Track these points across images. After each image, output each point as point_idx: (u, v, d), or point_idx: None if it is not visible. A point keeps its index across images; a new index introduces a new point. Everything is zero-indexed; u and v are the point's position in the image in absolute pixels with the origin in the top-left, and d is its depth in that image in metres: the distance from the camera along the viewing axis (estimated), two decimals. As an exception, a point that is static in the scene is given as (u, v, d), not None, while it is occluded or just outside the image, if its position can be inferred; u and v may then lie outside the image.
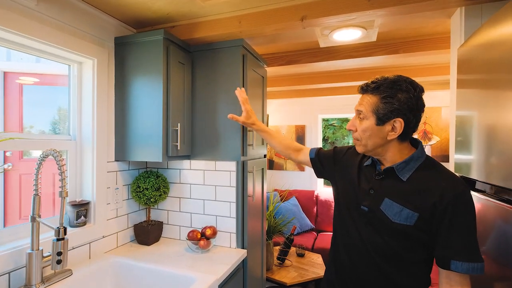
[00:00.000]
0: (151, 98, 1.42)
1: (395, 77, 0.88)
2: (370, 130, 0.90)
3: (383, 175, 0.93)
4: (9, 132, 1.14)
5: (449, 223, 0.81)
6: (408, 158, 0.90)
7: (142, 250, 1.51)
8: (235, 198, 1.56)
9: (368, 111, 0.89)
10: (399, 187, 0.89)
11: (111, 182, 1.50)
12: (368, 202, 0.93)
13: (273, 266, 2.37)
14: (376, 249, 0.90)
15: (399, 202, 0.87)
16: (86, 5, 1.35)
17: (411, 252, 0.87)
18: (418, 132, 3.60)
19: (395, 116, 0.86)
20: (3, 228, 1.12)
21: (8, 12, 1.04)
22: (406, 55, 1.90)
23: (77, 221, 1.33)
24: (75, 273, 1.21)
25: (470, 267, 0.78)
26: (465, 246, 0.80)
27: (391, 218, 0.87)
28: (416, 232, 0.85)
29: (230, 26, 1.45)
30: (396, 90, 0.86)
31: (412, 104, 0.85)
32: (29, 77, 2.64)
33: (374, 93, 0.89)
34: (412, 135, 0.92)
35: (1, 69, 2.73)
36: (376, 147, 0.92)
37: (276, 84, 2.88)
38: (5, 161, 2.63)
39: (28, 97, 2.66)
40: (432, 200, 0.83)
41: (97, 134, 1.41)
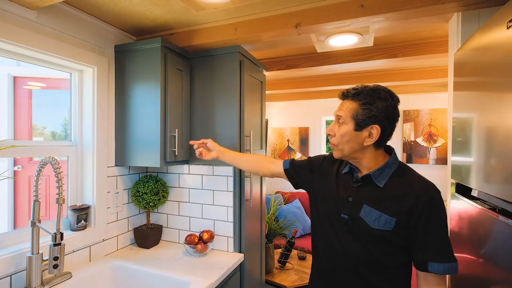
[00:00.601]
0: (149, 104, 1.45)
1: (375, 85, 0.92)
2: (348, 135, 0.92)
3: (361, 183, 0.95)
4: (12, 140, 1.18)
5: (424, 227, 0.85)
6: (383, 165, 0.93)
7: (141, 253, 1.54)
8: (232, 203, 1.58)
9: (348, 116, 0.92)
10: (376, 193, 0.91)
11: (111, 187, 1.54)
12: (347, 210, 0.94)
13: (274, 269, 2.38)
14: (357, 255, 0.92)
15: (377, 208, 0.89)
16: (86, 15, 1.39)
17: (391, 257, 0.89)
18: (423, 134, 3.56)
19: (373, 122, 0.89)
20: (7, 232, 1.17)
21: (9, 25, 1.09)
22: (406, 58, 1.89)
23: (77, 225, 1.37)
24: (75, 275, 1.25)
25: (446, 267, 0.82)
26: (440, 248, 0.84)
27: (370, 224, 0.89)
28: (394, 237, 0.87)
29: (226, 33, 1.47)
30: (375, 98, 0.89)
31: (389, 113, 0.89)
32: (36, 82, 2.72)
33: (354, 99, 0.92)
34: (386, 143, 0.96)
35: (11, 74, 2.82)
36: (353, 153, 0.94)
37: (279, 87, 2.89)
38: (15, 163, 2.71)
39: (37, 101, 2.74)
40: (408, 204, 0.86)
41: (98, 139, 1.45)
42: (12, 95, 2.76)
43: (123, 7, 1.32)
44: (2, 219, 2.42)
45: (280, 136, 4.21)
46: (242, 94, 1.55)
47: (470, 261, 1.07)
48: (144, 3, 1.28)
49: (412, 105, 3.64)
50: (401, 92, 3.09)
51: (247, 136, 1.61)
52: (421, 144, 3.58)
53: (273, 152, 4.22)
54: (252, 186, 1.69)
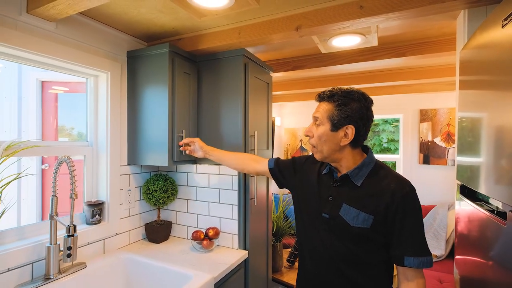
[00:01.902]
0: (158, 106, 1.54)
1: (348, 88, 0.96)
2: (325, 136, 0.95)
3: (340, 182, 0.98)
4: (35, 140, 1.30)
5: (400, 223, 0.87)
6: (360, 164, 0.95)
7: (151, 247, 1.63)
8: (237, 201, 1.64)
9: (324, 118, 0.95)
10: (354, 192, 0.94)
11: (124, 184, 1.64)
12: (328, 209, 0.97)
13: (282, 268, 2.41)
14: (338, 254, 0.94)
15: (355, 207, 0.92)
16: (100, 24, 1.49)
17: (371, 254, 0.92)
18: (442, 134, 3.45)
19: (347, 123, 0.92)
20: (32, 223, 1.29)
21: (32, 37, 1.20)
22: (415, 57, 1.86)
23: (92, 219, 1.48)
24: (89, 266, 1.35)
25: (421, 261, 0.86)
26: (415, 243, 0.87)
27: (349, 222, 0.92)
28: (373, 234, 0.90)
29: (230, 37, 1.53)
30: (350, 99, 0.93)
31: (362, 113, 0.92)
32: (60, 86, 2.92)
33: (330, 101, 0.95)
34: (363, 143, 0.99)
35: (39, 79, 3.04)
36: (331, 153, 0.97)
37: (288, 88, 2.91)
38: (43, 162, 2.93)
39: (63, 103, 2.94)
40: (385, 201, 0.89)
41: (111, 140, 1.55)
42: (40, 98, 2.98)
43: (132, 15, 1.41)
44: (31, 212, 2.64)
45: (293, 136, 4.22)
46: (246, 96, 1.60)
47: (478, 264, 1.05)
48: (152, 11, 1.36)
49: (429, 104, 3.53)
50: (416, 91, 3.02)
51: (252, 136, 1.65)
52: (439, 144, 3.47)
53: (286, 152, 4.24)
54: (257, 185, 1.73)
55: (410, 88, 3.02)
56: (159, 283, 1.37)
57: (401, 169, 3.64)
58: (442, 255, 2.72)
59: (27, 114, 2.96)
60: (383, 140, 5.73)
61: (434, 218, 3.10)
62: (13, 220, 2.55)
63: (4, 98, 3.04)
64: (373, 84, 2.63)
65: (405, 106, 3.63)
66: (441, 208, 3.13)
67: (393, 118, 4.15)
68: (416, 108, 3.57)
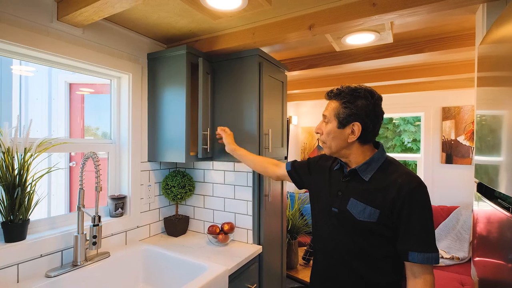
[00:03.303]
0: (176, 106, 1.61)
1: (356, 85, 0.96)
2: (333, 133, 0.98)
3: (349, 177, 1.00)
4: (64, 138, 1.40)
5: (406, 217, 0.87)
6: (369, 159, 0.96)
7: (169, 240, 1.71)
8: (251, 197, 1.68)
9: (331, 115, 0.98)
10: (362, 187, 0.95)
11: (144, 180, 1.73)
12: (337, 203, 0.99)
13: (297, 265, 2.43)
14: (347, 248, 0.96)
15: (362, 201, 0.93)
16: (123, 28, 1.58)
17: (378, 249, 0.92)
18: (466, 133, 3.33)
19: (353, 120, 0.94)
20: (61, 214, 1.39)
21: (60, 42, 1.30)
22: (434, 53, 1.82)
23: (115, 212, 1.57)
24: (113, 255, 1.44)
25: (425, 257, 0.85)
26: (420, 238, 0.86)
27: (356, 216, 0.93)
28: (379, 228, 0.90)
29: (244, 38, 1.57)
30: (355, 96, 0.94)
31: (369, 110, 0.93)
32: (86, 87, 3.09)
33: (337, 99, 0.98)
34: (373, 139, 0.99)
35: (67, 81, 3.23)
36: (340, 149, 0.99)
37: (304, 87, 2.92)
38: (70, 159, 3.13)
39: (89, 104, 3.11)
40: (391, 196, 0.89)
41: (132, 138, 1.64)
42: (68, 99, 3.17)
43: (152, 19, 1.49)
44: (60, 204, 2.85)
45: (310, 135, 4.21)
46: (261, 94, 1.64)
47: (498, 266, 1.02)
48: (170, 15, 1.43)
49: (452, 102, 3.41)
50: (437, 88, 2.93)
51: (266, 134, 1.69)
52: (462, 143, 3.34)
53: (303, 151, 4.23)
54: (271, 182, 1.77)
55: (431, 85, 2.93)
56: (176, 273, 1.44)
57: (422, 169, 3.54)
58: (465, 257, 2.63)
59: (57, 115, 3.16)
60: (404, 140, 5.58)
61: (457, 219, 3.00)
62: (44, 212, 2.76)
63: (36, 100, 3.26)
64: (392, 82, 2.59)
65: (427, 104, 3.52)
66: (465, 209, 3.02)
67: (414, 116, 4.03)
68: (438, 106, 3.46)
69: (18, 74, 3.14)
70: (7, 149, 1.14)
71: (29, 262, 1.20)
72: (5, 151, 1.14)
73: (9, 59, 3.14)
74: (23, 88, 3.25)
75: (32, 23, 1.22)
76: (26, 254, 1.18)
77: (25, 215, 1.19)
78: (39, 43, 1.23)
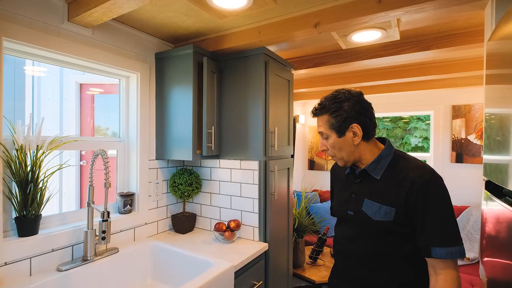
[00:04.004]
0: (184, 104, 1.63)
1: (333, 92, 0.98)
2: (337, 144, 0.98)
3: (360, 178, 1.00)
4: (75, 136, 1.44)
5: (422, 212, 0.85)
6: (377, 157, 0.96)
7: (177, 237, 1.73)
8: (257, 195, 1.69)
9: (327, 129, 0.98)
10: (375, 186, 0.95)
11: (152, 177, 1.76)
12: (352, 206, 1.00)
13: (304, 264, 2.43)
14: (366, 249, 0.95)
15: (376, 201, 0.92)
16: (131, 28, 1.61)
17: (397, 248, 0.91)
18: (476, 131, 3.27)
19: (349, 123, 0.94)
20: (72, 210, 1.43)
21: (71, 42, 1.34)
22: (442, 50, 1.80)
23: (124, 209, 1.60)
24: (121, 251, 1.47)
25: (448, 251, 0.82)
26: (441, 232, 0.83)
27: (372, 217, 0.92)
28: (397, 227, 0.89)
29: (251, 36, 1.58)
30: (339, 102, 0.95)
31: (357, 108, 0.94)
32: (96, 88, 3.15)
33: (324, 113, 0.98)
34: (374, 132, 0.99)
35: (78, 82, 3.30)
36: (351, 155, 0.99)
37: (311, 85, 2.91)
38: (81, 158, 3.21)
39: (99, 104, 3.17)
40: (404, 192, 0.88)
41: (141, 136, 1.67)
42: (78, 99, 3.24)
43: (160, 19, 1.51)
44: (71, 201, 2.94)
45: (317, 134, 4.19)
46: (267, 93, 1.65)
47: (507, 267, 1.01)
48: (177, 14, 1.46)
49: (462, 100, 3.35)
50: (447, 86, 2.88)
51: (272, 132, 1.70)
52: (473, 142, 3.28)
53: (310, 150, 4.22)
54: (278, 180, 1.78)
55: (441, 83, 2.89)
56: (183, 268, 1.47)
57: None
58: (475, 258, 2.59)
59: (68, 114, 3.23)
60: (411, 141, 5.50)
61: (467, 219, 2.95)
62: (56, 208, 2.84)
63: (48, 100, 3.34)
64: (400, 80, 2.56)
65: (436, 102, 3.47)
66: (475, 209, 2.97)
67: (423, 114, 3.98)
68: (448, 104, 3.41)
69: (31, 75, 3.22)
70: (20, 146, 1.18)
71: (41, 256, 1.23)
72: (18, 149, 1.17)
73: (22, 60, 3.23)
74: (35, 88, 3.33)
75: (44, 24, 1.25)
76: (39, 248, 1.22)
77: (37, 210, 1.22)
78: (51, 44, 1.26)
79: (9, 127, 1.19)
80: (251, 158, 1.68)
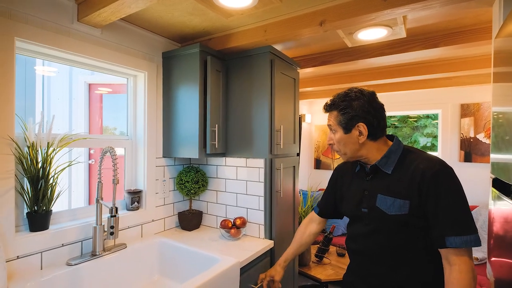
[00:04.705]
0: (190, 103, 1.65)
1: (346, 90, 1.00)
2: (343, 140, 1.00)
3: (372, 175, 1.01)
4: (84, 133, 1.47)
5: (434, 202, 0.85)
6: (387, 152, 0.97)
7: (183, 234, 1.75)
8: (263, 193, 1.70)
9: (335, 125, 1.01)
10: (387, 181, 0.96)
11: (159, 175, 1.78)
12: (365, 203, 1.00)
13: (310, 263, 2.43)
14: (382, 245, 0.96)
15: (390, 195, 0.93)
16: (139, 28, 1.64)
17: (413, 242, 0.91)
18: (485, 130, 3.22)
19: (356, 122, 0.96)
20: (81, 207, 1.46)
21: (80, 42, 1.37)
22: (449, 48, 1.78)
23: (131, 206, 1.63)
24: (129, 247, 1.49)
25: (463, 240, 0.81)
26: (455, 221, 0.83)
27: (386, 211, 0.93)
28: (412, 219, 0.89)
29: (256, 35, 1.59)
30: (349, 100, 0.97)
31: (366, 108, 0.95)
32: (104, 87, 3.20)
33: (334, 109, 1.01)
34: (383, 133, 0.99)
35: (86, 82, 3.36)
36: (355, 152, 1.01)
37: (318, 84, 2.91)
38: (90, 157, 3.27)
39: (107, 104, 3.22)
40: (416, 183, 0.88)
41: (148, 134, 1.70)
42: (87, 99, 3.30)
43: (167, 19, 1.53)
44: (80, 198, 3.02)
45: (324, 133, 4.18)
46: (273, 91, 1.66)
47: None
48: (184, 14, 1.47)
49: (471, 98, 3.31)
50: (455, 84, 2.85)
51: (278, 130, 1.71)
52: (482, 141, 3.24)
53: (317, 149, 4.21)
54: (283, 178, 1.78)
55: (449, 82, 2.86)
56: (189, 264, 1.48)
57: (439, 168, 3.45)
58: (484, 258, 2.55)
59: (77, 114, 3.29)
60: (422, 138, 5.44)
61: (476, 219, 2.91)
62: (66, 206, 2.91)
63: (58, 99, 3.40)
64: (407, 78, 2.54)
65: (444, 101, 3.43)
66: (484, 209, 2.93)
67: (430, 113, 3.94)
68: (457, 103, 3.36)
69: (41, 75, 3.29)
70: (31, 143, 1.21)
71: (51, 250, 1.26)
72: (29, 146, 1.21)
73: (33, 60, 3.30)
74: (45, 88, 3.40)
75: (55, 24, 1.28)
76: (49, 243, 1.25)
77: (48, 206, 1.25)
78: (61, 44, 1.29)
79: (21, 125, 1.22)
80: (256, 156, 1.69)
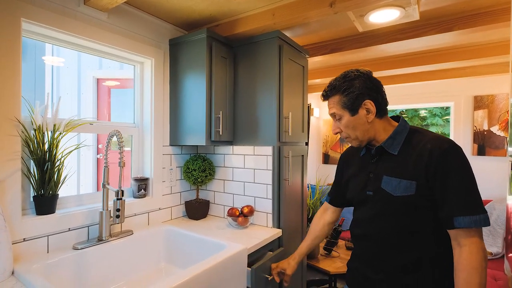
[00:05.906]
0: (197, 90, 1.62)
1: (343, 73, 0.98)
2: (351, 123, 0.96)
3: (377, 157, 0.98)
4: (92, 119, 1.46)
5: (442, 182, 0.82)
6: (393, 132, 0.95)
7: (190, 223, 1.73)
8: (271, 181, 1.66)
9: (339, 109, 0.97)
10: (392, 162, 0.93)
11: (166, 163, 1.76)
12: (371, 186, 0.97)
13: (318, 255, 2.39)
14: (388, 228, 0.92)
15: (395, 176, 0.90)
16: (145, 14, 1.62)
17: (421, 223, 0.88)
18: (500, 123, 3.12)
19: (362, 100, 0.93)
20: (89, 192, 1.45)
21: (87, 26, 1.35)
22: (467, 32, 1.71)
23: (138, 193, 1.61)
24: (136, 234, 1.48)
25: (472, 219, 0.78)
26: (464, 201, 0.80)
27: (392, 193, 0.89)
28: (419, 200, 0.86)
29: (264, 19, 1.56)
30: (350, 80, 0.95)
31: (368, 84, 0.94)
32: (113, 81, 3.21)
33: (334, 94, 0.98)
34: (386, 108, 0.97)
35: (95, 77, 3.38)
36: (365, 133, 0.97)
37: (327, 75, 2.85)
38: (98, 152, 3.30)
39: (114, 99, 3.24)
40: (423, 164, 0.85)
41: (155, 121, 1.68)
42: (95, 93, 3.31)
43: (173, 3, 1.51)
44: (89, 184, 3.11)
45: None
46: (281, 78, 1.62)
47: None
48: (190, -3, 1.45)
49: (485, 90, 3.21)
50: (468, 75, 2.76)
51: (286, 117, 1.67)
52: (496, 133, 3.14)
53: (325, 144, 4.15)
54: (292, 166, 1.74)
55: (462, 72, 2.77)
56: (196, 251, 1.46)
57: (451, 161, 3.36)
58: (498, 252, 2.47)
59: (85, 108, 3.31)
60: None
61: (490, 213, 2.82)
62: (74, 191, 2.96)
63: (66, 94, 3.43)
64: (418, 68, 2.47)
65: (457, 93, 3.34)
66: (498, 203, 2.83)
67: (441, 107, 3.84)
68: (470, 95, 3.27)
69: (50, 68, 3.31)
70: (38, 126, 1.20)
71: (58, 234, 1.25)
72: (36, 128, 1.20)
73: (42, 50, 3.32)
74: (54, 83, 3.43)
75: (61, 7, 1.27)
76: (56, 227, 1.24)
77: (54, 189, 1.24)
78: (68, 26, 1.28)
79: (28, 108, 1.21)
80: (264, 143, 1.65)
